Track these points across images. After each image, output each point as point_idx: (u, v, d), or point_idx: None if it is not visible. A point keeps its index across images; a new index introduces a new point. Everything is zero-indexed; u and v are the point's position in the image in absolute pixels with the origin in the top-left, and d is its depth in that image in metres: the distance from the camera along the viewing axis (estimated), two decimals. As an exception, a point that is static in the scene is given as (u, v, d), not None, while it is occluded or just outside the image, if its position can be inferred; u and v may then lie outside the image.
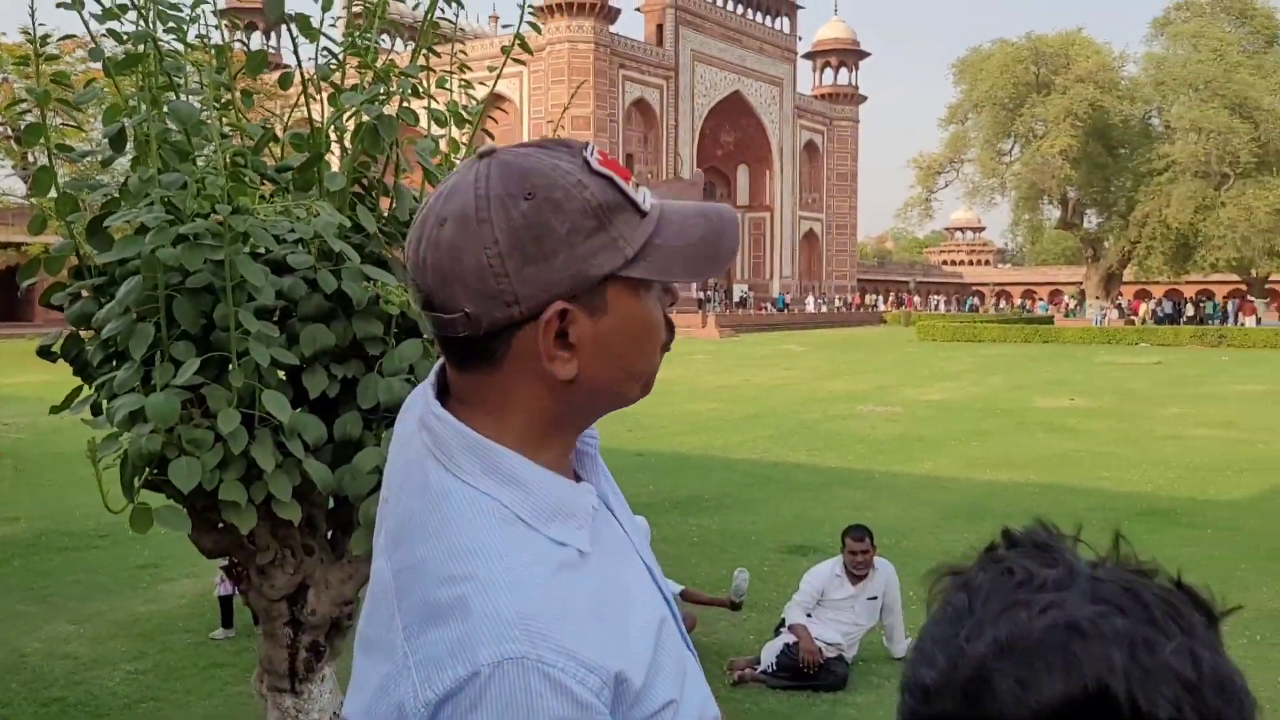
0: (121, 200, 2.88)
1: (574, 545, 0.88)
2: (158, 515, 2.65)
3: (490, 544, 0.84)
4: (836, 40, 74.09)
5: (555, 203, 0.86)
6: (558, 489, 0.91)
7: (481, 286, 0.86)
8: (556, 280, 0.86)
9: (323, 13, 2.98)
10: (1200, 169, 45.65)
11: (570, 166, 0.88)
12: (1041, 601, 0.57)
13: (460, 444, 0.90)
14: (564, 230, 0.86)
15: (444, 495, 0.88)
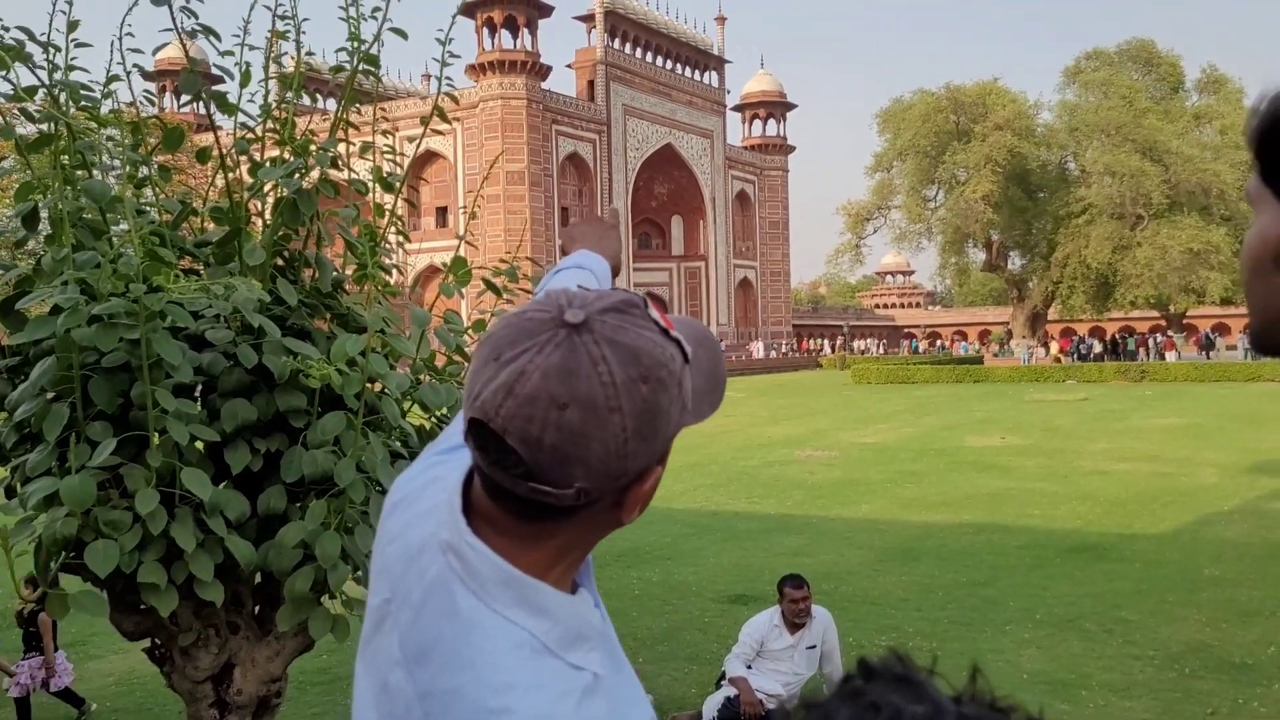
0: (36, 280, 2.85)
1: (590, 669, 0.91)
2: (74, 601, 2.59)
3: (526, 678, 0.87)
4: (764, 93, 75.68)
5: (664, 383, 0.90)
6: (577, 615, 0.94)
7: (606, 468, 0.88)
8: (659, 450, 0.92)
9: (240, 88, 3.00)
10: (1116, 210, 47.28)
11: (659, 338, 0.91)
12: None
13: (495, 575, 0.92)
14: (669, 406, 0.91)
15: (477, 625, 0.91)
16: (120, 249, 2.72)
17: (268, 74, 3.31)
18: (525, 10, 55.16)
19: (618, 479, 0.90)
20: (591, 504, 0.90)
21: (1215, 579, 8.30)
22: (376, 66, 3.20)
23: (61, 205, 2.74)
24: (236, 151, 3.07)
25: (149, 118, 3.21)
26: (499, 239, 50.67)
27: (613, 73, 61.48)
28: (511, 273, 3.47)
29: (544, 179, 56.26)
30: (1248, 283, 0.79)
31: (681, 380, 0.92)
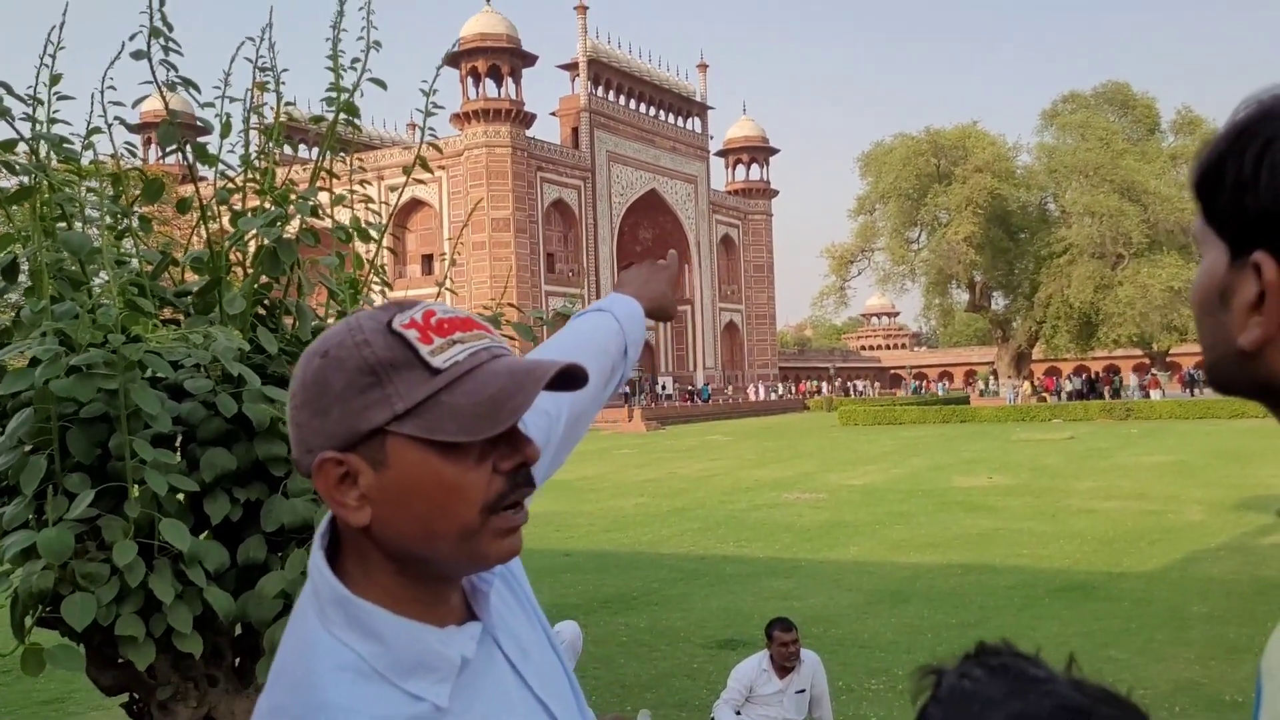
0: (14, 332, 2.85)
1: (430, 700, 0.90)
2: (50, 656, 2.55)
3: (340, 700, 0.87)
4: (746, 138, 76.57)
5: (338, 361, 0.91)
6: (418, 643, 0.92)
7: (294, 436, 0.95)
8: (332, 432, 0.91)
9: (221, 139, 3.02)
10: (1096, 250, 47.75)
11: (370, 326, 0.93)
12: (1043, 688, 0.69)
13: (329, 596, 0.93)
14: (340, 386, 0.91)
15: (310, 645, 0.92)
16: (99, 300, 2.72)
17: (248, 125, 3.33)
18: (509, 60, 55.83)
19: (306, 451, 0.93)
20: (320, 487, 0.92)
21: (1204, 616, 8.29)
22: (356, 115, 3.23)
23: (41, 257, 2.75)
24: (217, 202, 3.08)
25: (130, 169, 3.23)
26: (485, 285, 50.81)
27: (596, 120, 62.12)
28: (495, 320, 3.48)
29: (529, 225, 56.60)
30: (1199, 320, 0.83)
31: (383, 373, 0.90)
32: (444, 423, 0.90)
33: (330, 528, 0.98)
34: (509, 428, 0.93)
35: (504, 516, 0.95)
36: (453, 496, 0.92)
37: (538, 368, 0.95)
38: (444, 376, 0.91)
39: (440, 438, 0.90)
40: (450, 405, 0.90)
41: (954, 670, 0.74)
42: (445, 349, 0.92)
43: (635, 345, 1.56)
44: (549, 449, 1.34)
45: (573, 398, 1.38)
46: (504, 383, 0.92)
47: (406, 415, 0.90)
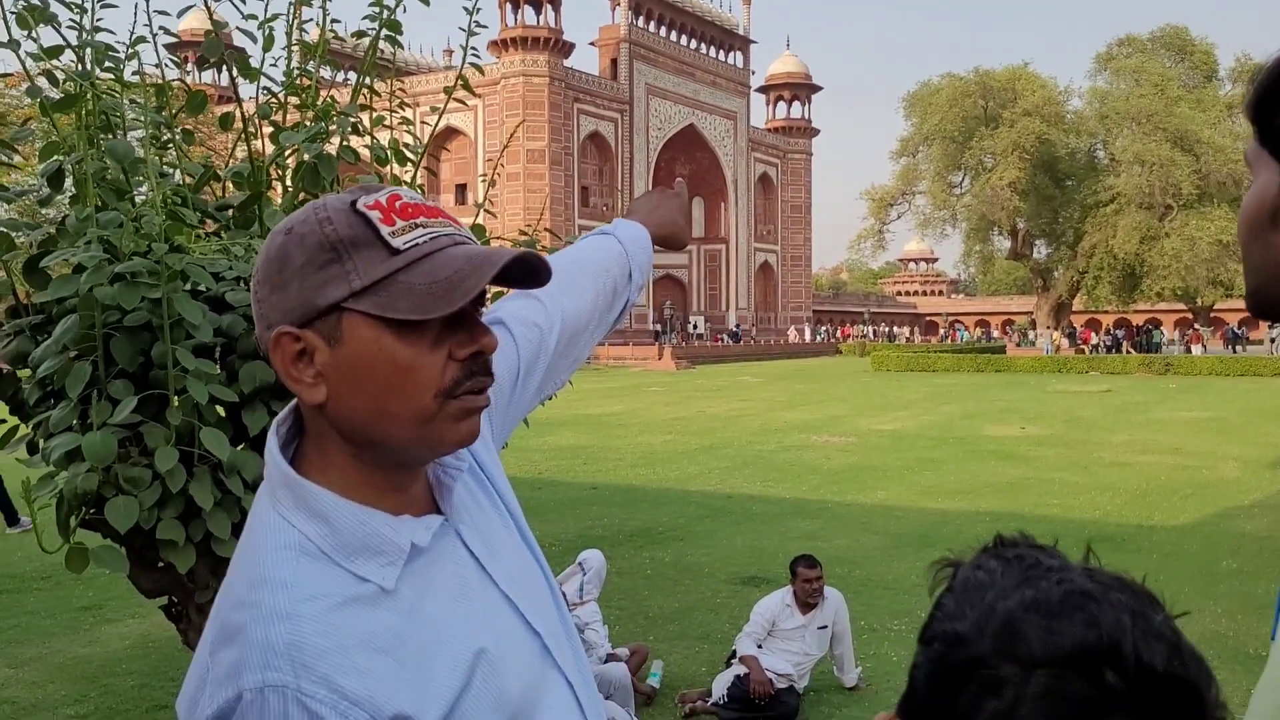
0: (59, 239, 2.88)
1: (375, 582, 0.90)
2: (94, 555, 2.63)
3: (280, 576, 0.88)
4: (789, 74, 75.23)
5: (300, 237, 0.92)
6: (364, 526, 0.92)
7: (256, 312, 0.96)
8: (290, 307, 0.92)
9: (263, 53, 3.01)
10: (1144, 200, 46.78)
11: (335, 205, 0.93)
12: (1055, 576, 0.70)
13: (279, 477, 0.95)
14: (300, 261, 0.91)
15: (259, 523, 0.94)
16: (143, 210, 2.74)
17: (290, 40, 3.31)
18: (550, -14, 55.00)
19: (265, 326, 0.94)
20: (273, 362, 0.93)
21: (1234, 571, 8.25)
22: (399, 32, 3.20)
23: (86, 165, 2.76)
24: (259, 117, 3.08)
25: (173, 81, 3.23)
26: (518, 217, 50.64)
27: (636, 51, 61.23)
28: (531, 244, 3.48)
29: (564, 158, 56.22)
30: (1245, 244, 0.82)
31: (344, 250, 0.90)
32: (398, 301, 0.90)
33: (293, 414, 1.00)
34: (467, 316, 0.94)
35: (462, 400, 0.95)
36: (406, 377, 0.92)
37: (495, 254, 0.95)
38: (403, 257, 0.91)
39: (393, 315, 0.91)
40: (406, 285, 0.91)
41: (970, 562, 0.76)
42: (407, 231, 0.92)
43: (641, 269, 1.54)
44: (540, 360, 1.33)
45: (567, 314, 1.37)
46: (460, 265, 0.92)
47: (363, 293, 0.90)
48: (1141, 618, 0.68)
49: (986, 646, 0.68)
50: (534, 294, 1.33)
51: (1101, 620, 0.66)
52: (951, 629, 0.71)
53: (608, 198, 60.33)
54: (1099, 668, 0.65)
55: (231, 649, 0.85)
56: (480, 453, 1.13)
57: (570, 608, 5.88)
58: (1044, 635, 0.66)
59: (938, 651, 0.72)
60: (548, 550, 8.81)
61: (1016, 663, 0.66)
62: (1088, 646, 0.65)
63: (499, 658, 0.95)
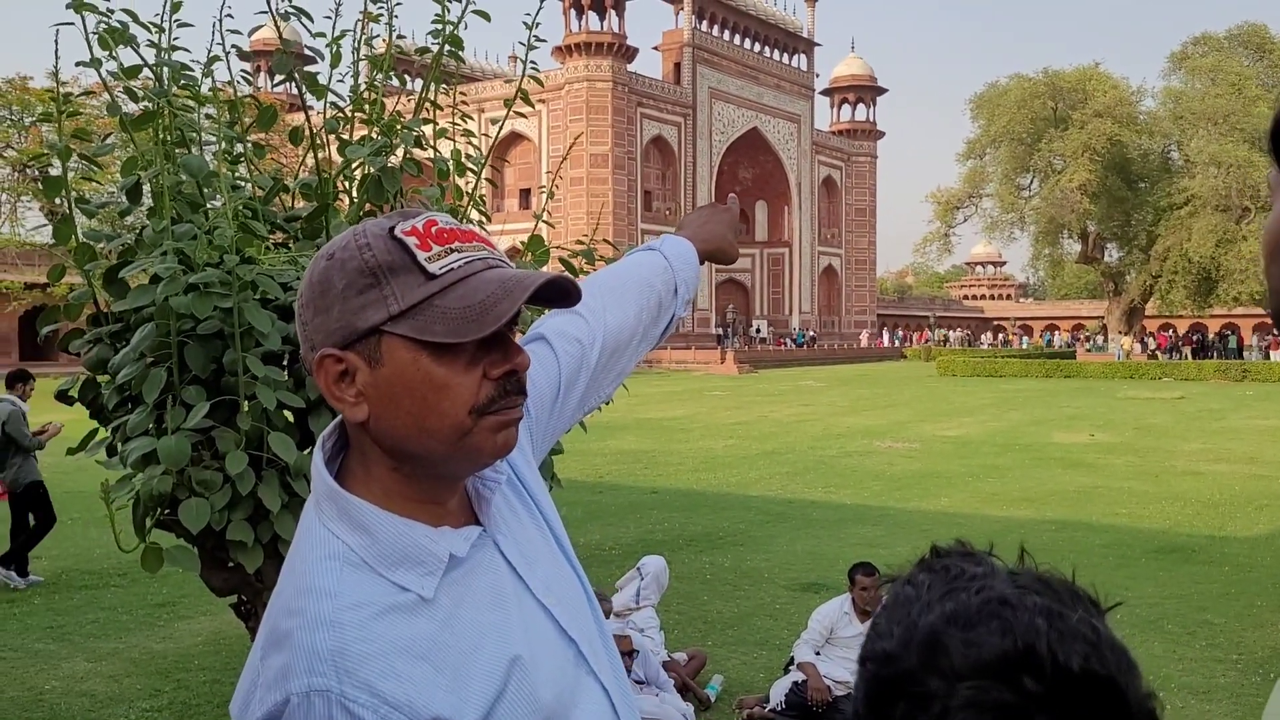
0: (137, 250, 3.00)
1: (415, 591, 0.95)
2: (168, 555, 2.74)
3: (324, 584, 0.93)
4: (854, 77, 74.56)
5: (341, 262, 0.97)
6: (404, 538, 0.97)
7: (301, 335, 1.01)
8: (332, 330, 0.97)
9: (330, 69, 3.10)
10: (1220, 203, 45.50)
11: (374, 231, 0.98)
12: (975, 585, 0.71)
13: (323, 490, 1.00)
14: (341, 286, 0.96)
15: (306, 535, 0.99)
16: (216, 222, 2.84)
17: (357, 56, 3.41)
18: (614, -8, 55.22)
19: (309, 348, 0.99)
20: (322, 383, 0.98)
21: (1310, 585, 8.01)
22: (461, 48, 3.27)
23: (162, 179, 2.88)
24: (326, 131, 3.18)
25: (245, 97, 3.34)
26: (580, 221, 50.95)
27: (699, 55, 61.22)
28: (589, 254, 3.53)
29: (627, 162, 56.38)
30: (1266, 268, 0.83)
31: (383, 275, 0.95)
32: (434, 324, 0.95)
33: (338, 430, 1.05)
34: (501, 336, 0.99)
35: (498, 415, 0.99)
36: (442, 395, 0.97)
37: (526, 278, 0.99)
38: (438, 282, 0.96)
39: (429, 338, 0.95)
40: (442, 309, 0.95)
41: (903, 577, 0.78)
42: (443, 256, 0.97)
43: (687, 285, 1.56)
44: (582, 374, 1.36)
45: (609, 329, 1.40)
46: (493, 289, 0.97)
47: (401, 316, 0.95)
48: (1058, 618, 0.68)
49: (913, 662, 0.69)
50: (577, 309, 1.36)
51: (1015, 626, 0.67)
52: (881, 648, 0.72)
53: (670, 202, 60.37)
54: (1017, 675, 0.66)
55: (280, 654, 0.90)
56: (518, 464, 1.17)
57: (627, 612, 5.92)
58: (963, 647, 0.67)
59: (870, 671, 0.73)
60: (607, 554, 8.90)
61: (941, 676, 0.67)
62: (1004, 654, 0.66)
63: (533, 664, 0.99)
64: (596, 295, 1.42)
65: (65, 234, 3.00)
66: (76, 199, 3.03)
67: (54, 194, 2.99)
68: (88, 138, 3.17)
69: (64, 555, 8.88)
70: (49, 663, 6.17)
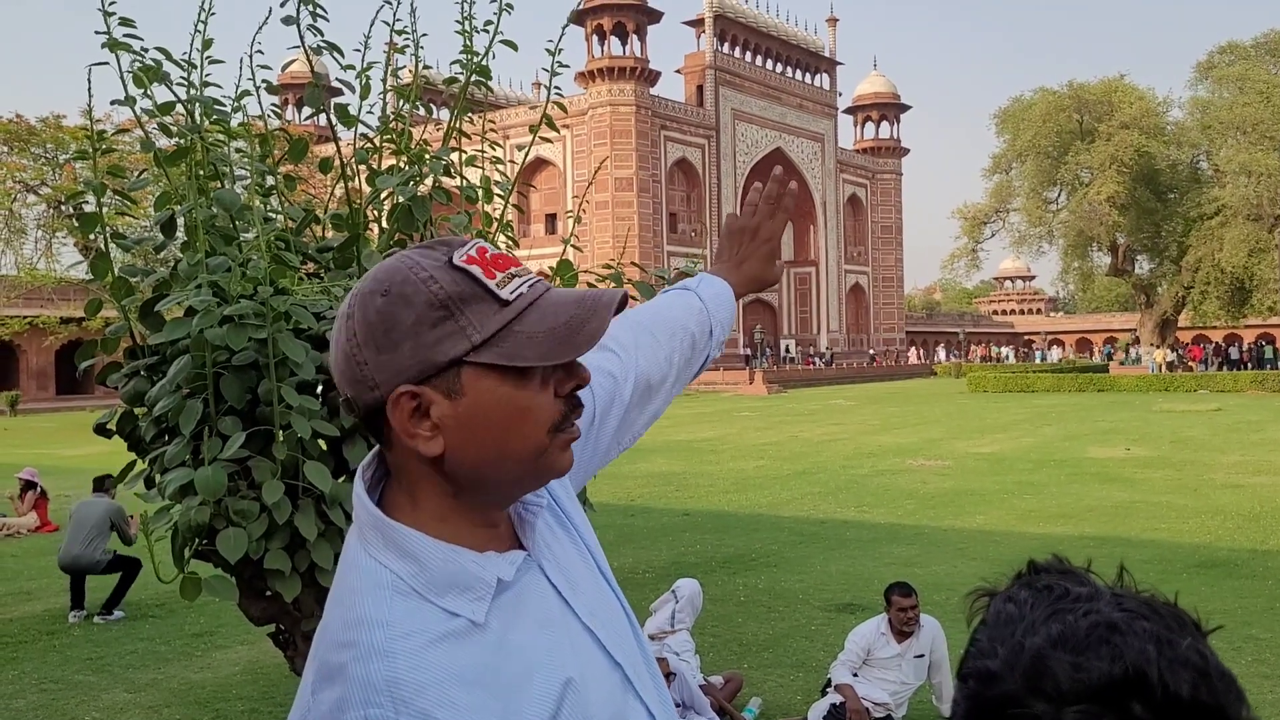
0: (172, 283, 3.04)
1: (466, 616, 0.94)
2: (207, 585, 2.76)
3: (377, 614, 0.92)
4: (876, 94, 74.54)
5: (405, 297, 0.95)
6: (452, 564, 0.96)
7: (350, 373, 0.97)
8: (406, 366, 0.95)
9: (360, 100, 3.14)
10: (1252, 212, 45.00)
11: (430, 264, 0.97)
12: (1081, 608, 0.71)
13: (368, 520, 0.99)
14: (410, 321, 0.95)
15: (352, 566, 0.98)
16: (249, 254, 2.88)
17: (386, 87, 3.45)
18: (634, 17, 55.60)
19: (369, 389, 0.96)
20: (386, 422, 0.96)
21: (1358, 599, 7.84)
22: (488, 77, 3.31)
23: (196, 214, 2.92)
24: (356, 161, 3.21)
25: (275, 130, 3.39)
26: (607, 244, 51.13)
27: (722, 77, 61.46)
28: (616, 277, 3.54)
29: (652, 185, 56.57)
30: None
31: (454, 306, 0.95)
32: (523, 350, 0.96)
33: (377, 460, 1.04)
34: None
35: (566, 432, 1.01)
36: (525, 419, 0.98)
37: (603, 294, 1.01)
38: (513, 308, 0.96)
39: (521, 363, 0.96)
40: (525, 334, 0.96)
41: (1002, 593, 0.77)
42: (508, 282, 0.97)
43: (722, 325, 1.56)
44: (615, 408, 1.36)
45: (640, 367, 1.40)
46: (574, 310, 0.98)
47: (484, 345, 0.95)
48: (1168, 645, 0.68)
49: (1018, 684, 0.69)
50: (609, 345, 1.36)
51: (1126, 652, 0.67)
52: (984, 666, 0.72)
53: (695, 223, 60.47)
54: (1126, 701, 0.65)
55: (333, 688, 0.89)
56: (556, 490, 1.17)
57: (661, 635, 5.89)
58: (1071, 671, 0.67)
59: (972, 689, 0.73)
60: (640, 577, 8.86)
61: (1046, 699, 0.67)
62: (1113, 680, 0.66)
63: (584, 687, 0.99)
64: (629, 331, 1.42)
65: (102, 269, 3.04)
66: (112, 234, 3.08)
67: (90, 230, 3.04)
68: (123, 174, 3.22)
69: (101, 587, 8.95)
70: (89, 694, 6.22)
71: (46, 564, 9.93)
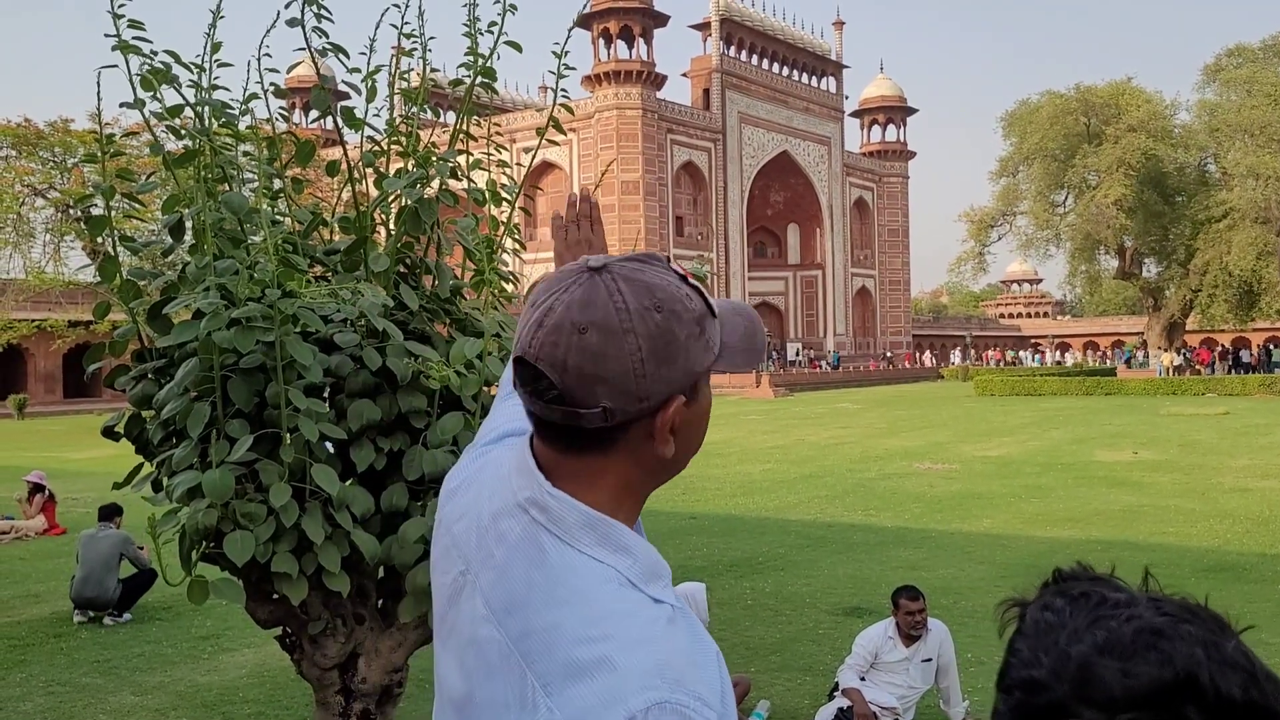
0: (180, 286, 3.05)
1: (668, 602, 1.00)
2: (214, 588, 2.76)
3: (620, 607, 0.97)
4: (883, 98, 74.48)
5: (678, 314, 1.02)
6: (651, 552, 1.04)
7: (624, 386, 1.00)
8: (674, 378, 1.02)
9: (366, 103, 3.14)
10: (1260, 215, 44.80)
11: (676, 281, 1.05)
12: (1123, 614, 0.71)
13: (578, 519, 1.02)
14: (684, 337, 1.02)
15: (567, 567, 1.00)
16: (256, 257, 2.88)
17: (393, 90, 3.45)
18: (641, 20, 55.63)
19: (639, 400, 1.00)
20: (622, 428, 1.01)
21: (1368, 603, 7.80)
22: (493, 79, 3.31)
23: (204, 216, 2.92)
24: (363, 164, 3.22)
25: (283, 133, 3.39)
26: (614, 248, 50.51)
27: (728, 80, 61.46)
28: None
29: (658, 188, 56.57)
30: None
31: (702, 322, 1.04)
32: (735, 358, 1.08)
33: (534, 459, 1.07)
34: None
35: None
36: (706, 420, 1.10)
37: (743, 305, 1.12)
38: (718, 320, 1.07)
39: (733, 371, 1.08)
40: (729, 345, 1.08)
41: (1036, 602, 0.76)
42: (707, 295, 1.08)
43: None
44: None
45: None
46: (741, 323, 1.11)
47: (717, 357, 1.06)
48: (1214, 648, 0.68)
49: (1066, 692, 0.68)
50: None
51: (1175, 657, 0.67)
52: (1029, 675, 0.71)
53: (702, 226, 60.44)
54: (1179, 705, 0.65)
55: (596, 681, 0.91)
56: None
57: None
58: (1121, 678, 0.67)
59: (1018, 699, 0.72)
60: (646, 581, 8.86)
61: (1097, 707, 0.67)
62: (1165, 685, 0.66)
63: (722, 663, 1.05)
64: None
65: (110, 272, 3.05)
66: (120, 237, 3.08)
67: (98, 233, 3.05)
68: (131, 178, 3.23)
69: (110, 589, 8.97)
70: (96, 697, 6.23)
71: (54, 567, 9.96)
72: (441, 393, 3.01)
